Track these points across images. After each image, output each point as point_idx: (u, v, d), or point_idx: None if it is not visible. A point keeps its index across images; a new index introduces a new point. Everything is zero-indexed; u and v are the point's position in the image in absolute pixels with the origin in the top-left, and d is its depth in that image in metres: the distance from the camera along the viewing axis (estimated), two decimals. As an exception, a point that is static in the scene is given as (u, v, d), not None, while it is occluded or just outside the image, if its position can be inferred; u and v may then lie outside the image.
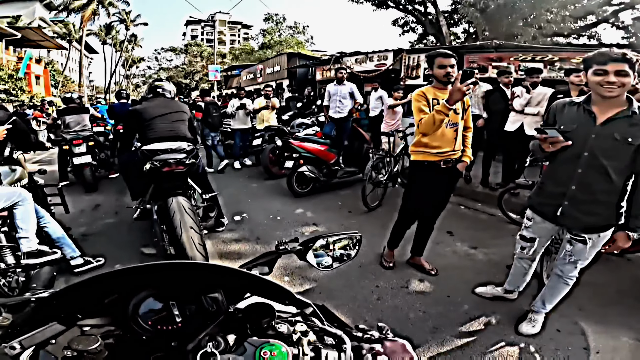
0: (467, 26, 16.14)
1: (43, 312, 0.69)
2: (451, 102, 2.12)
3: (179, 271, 0.78)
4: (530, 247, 2.03)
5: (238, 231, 3.61)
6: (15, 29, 19.17)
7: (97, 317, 0.74)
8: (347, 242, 1.02)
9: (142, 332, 0.72)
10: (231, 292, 0.80)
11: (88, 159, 4.83)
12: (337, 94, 5.66)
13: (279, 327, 0.68)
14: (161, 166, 2.57)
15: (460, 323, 2.18)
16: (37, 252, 2.33)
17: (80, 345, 0.61)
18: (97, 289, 0.72)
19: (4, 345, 0.62)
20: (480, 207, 4.37)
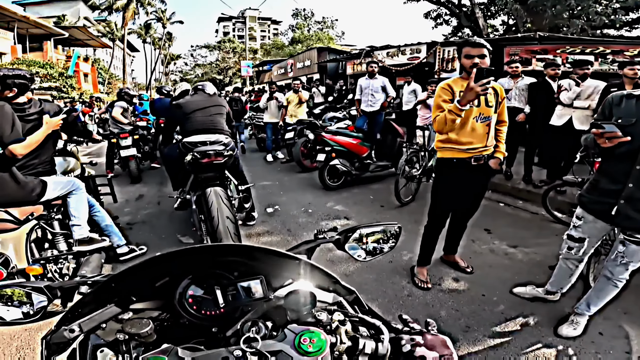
0: (505, 18, 15.33)
1: (102, 295, 0.72)
2: (463, 102, 1.95)
3: (229, 253, 0.80)
4: (578, 247, 1.93)
5: (270, 223, 3.69)
6: (62, 28, 20.57)
7: (148, 300, 0.77)
8: (386, 233, 1.00)
9: (187, 316, 0.74)
10: (272, 279, 0.80)
11: (133, 152, 5.16)
12: (368, 88, 5.63)
13: (318, 315, 0.68)
14: (201, 157, 2.67)
15: (495, 323, 2.11)
16: (88, 239, 2.45)
17: (133, 329, 0.62)
18: (151, 272, 0.75)
19: (63, 328, 0.65)
20: (521, 204, 4.16)
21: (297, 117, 6.21)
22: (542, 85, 4.32)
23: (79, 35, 21.84)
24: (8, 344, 2.01)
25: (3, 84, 2.18)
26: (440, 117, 2.07)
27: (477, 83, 1.88)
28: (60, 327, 0.66)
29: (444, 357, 0.60)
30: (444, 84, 2.21)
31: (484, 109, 2.18)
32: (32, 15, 18.95)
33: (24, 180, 2.18)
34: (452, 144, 2.24)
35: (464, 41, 2.17)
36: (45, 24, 18.76)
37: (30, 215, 2.22)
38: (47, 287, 0.74)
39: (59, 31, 19.84)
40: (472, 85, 1.89)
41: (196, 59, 44.98)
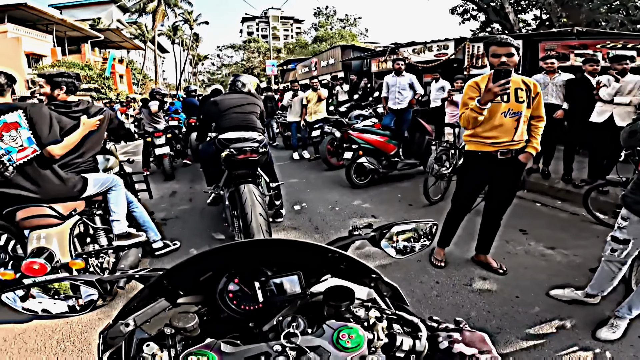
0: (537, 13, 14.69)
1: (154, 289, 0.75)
2: (483, 102, 2.03)
3: (271, 248, 0.82)
4: (622, 249, 1.87)
5: (297, 220, 3.74)
6: (98, 31, 21.62)
7: (192, 295, 0.80)
8: (422, 230, 0.99)
9: (228, 310, 0.76)
10: (308, 275, 0.80)
11: (167, 150, 5.38)
12: (395, 85, 5.61)
13: (356, 311, 0.68)
14: (237, 153, 2.74)
15: (529, 325, 2.03)
16: (127, 234, 2.54)
17: (180, 323, 0.63)
18: (198, 267, 0.76)
19: (120, 322, 0.67)
20: (559, 204, 3.98)
21: (317, 115, 6.23)
22: (580, 82, 4.18)
23: (113, 38, 22.87)
24: (49, 337, 2.09)
25: (52, 83, 2.33)
26: (465, 115, 2.16)
27: (496, 84, 1.94)
28: (118, 322, 0.68)
29: (483, 354, 0.59)
30: (472, 82, 2.27)
31: (514, 104, 2.22)
32: (68, 18, 19.99)
33: (65, 176, 2.28)
34: (478, 137, 2.32)
35: (491, 40, 2.18)
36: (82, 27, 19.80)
37: (73, 210, 2.31)
38: (98, 280, 0.76)
39: (95, 34, 20.87)
40: (491, 86, 1.96)
41: (222, 59, 46.07)
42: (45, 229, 2.14)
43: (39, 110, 2.18)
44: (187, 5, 34.43)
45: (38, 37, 18.42)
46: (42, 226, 2.15)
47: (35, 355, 1.95)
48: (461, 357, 0.59)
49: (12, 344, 2.05)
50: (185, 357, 0.56)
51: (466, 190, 2.56)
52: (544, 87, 4.37)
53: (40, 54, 18.27)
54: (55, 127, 2.23)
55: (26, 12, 17.11)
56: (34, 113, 2.15)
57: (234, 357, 0.57)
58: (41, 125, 2.16)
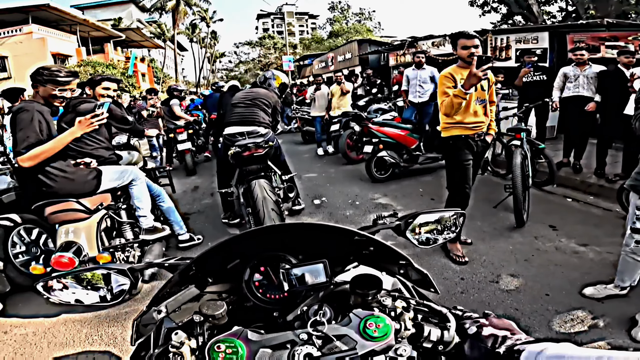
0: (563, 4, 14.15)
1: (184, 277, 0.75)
2: (467, 87, 2.21)
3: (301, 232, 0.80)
4: None
5: (317, 214, 3.73)
6: (119, 30, 22.14)
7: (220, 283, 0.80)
8: (447, 220, 0.96)
9: (254, 299, 0.76)
10: (334, 263, 0.78)
11: (189, 145, 5.49)
12: (416, 79, 5.54)
13: (383, 300, 0.67)
14: (242, 150, 2.74)
15: (559, 323, 1.95)
16: (153, 228, 2.57)
17: (209, 310, 0.63)
18: (226, 254, 0.76)
19: (153, 309, 0.68)
20: (592, 200, 3.79)
21: (341, 109, 6.16)
22: (614, 73, 4.02)
23: (134, 37, 23.39)
24: (78, 330, 2.13)
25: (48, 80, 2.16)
26: (447, 102, 2.35)
27: (479, 69, 2.14)
28: (151, 309, 0.69)
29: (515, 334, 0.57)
30: (445, 73, 2.50)
31: (480, 92, 2.53)
32: (90, 18, 20.52)
33: (71, 171, 2.21)
34: (461, 123, 2.54)
35: (458, 34, 2.46)
36: (104, 27, 20.30)
37: (100, 205, 2.30)
38: (129, 269, 0.76)
39: (117, 33, 21.39)
40: (475, 71, 2.15)
41: (240, 56, 46.49)
42: (73, 223, 2.18)
43: (18, 114, 2.05)
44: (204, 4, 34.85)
45: (63, 38, 18.84)
46: (70, 221, 2.19)
47: (65, 349, 2.00)
48: (492, 341, 0.57)
49: (42, 338, 2.10)
50: (212, 344, 0.57)
51: (462, 173, 2.65)
52: (575, 79, 4.24)
53: (65, 54, 18.74)
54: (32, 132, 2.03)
55: (49, 13, 17.41)
56: (16, 117, 2.05)
57: (260, 344, 0.58)
58: (17, 130, 2.02)
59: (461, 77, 2.39)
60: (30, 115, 2.05)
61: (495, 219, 3.30)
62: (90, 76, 14.99)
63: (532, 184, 3.41)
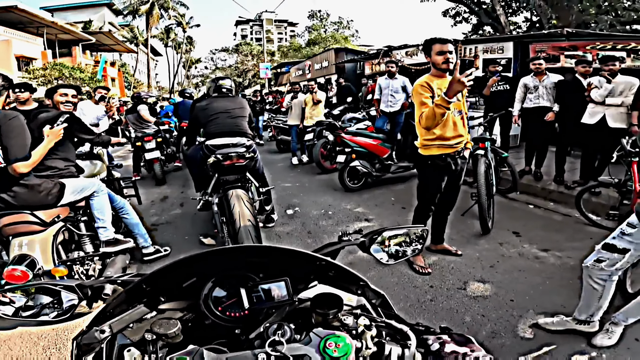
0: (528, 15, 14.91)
1: (132, 295, 0.72)
2: (450, 95, 2.01)
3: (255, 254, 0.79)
4: (612, 260, 1.66)
5: (290, 225, 3.69)
6: (89, 33, 21.42)
7: (175, 300, 0.77)
8: (412, 236, 0.97)
9: (212, 317, 0.74)
10: (296, 281, 0.78)
11: (157, 154, 5.31)
12: (388, 88, 5.61)
13: (344, 319, 0.66)
14: (223, 159, 2.71)
15: (524, 329, 2.01)
16: (114, 240, 2.50)
17: (161, 329, 0.62)
18: (180, 273, 0.75)
19: (95, 329, 0.65)
20: (552, 206, 3.98)
21: (315, 118, 6.14)
22: (572, 83, 4.19)
23: (105, 41, 22.70)
24: (35, 343, 2.02)
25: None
26: (428, 113, 2.11)
27: (462, 74, 1.93)
28: (92, 328, 0.66)
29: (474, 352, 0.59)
30: (420, 82, 2.28)
31: (457, 103, 2.35)
32: (59, 21, 19.80)
33: (36, 183, 2.16)
34: (441, 140, 2.36)
35: (433, 39, 2.28)
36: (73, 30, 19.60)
37: (57, 217, 2.24)
38: (78, 285, 0.74)
39: (86, 36, 20.66)
40: (458, 76, 1.94)
41: (216, 63, 45.94)
42: (27, 236, 2.09)
43: (9, 121, 2.01)
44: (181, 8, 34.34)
45: (28, 40, 18.21)
46: (24, 233, 2.09)
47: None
48: (454, 358, 0.59)
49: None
50: None
51: (433, 194, 2.60)
52: (535, 89, 4.39)
53: (30, 56, 18.05)
54: (27, 140, 2.07)
55: (17, 15, 16.91)
56: (3, 124, 1.99)
57: None
58: (10, 138, 2.00)
59: (437, 86, 2.24)
60: (21, 121, 2.05)
61: (463, 227, 3.39)
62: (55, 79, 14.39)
63: (496, 192, 3.53)
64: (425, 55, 2.36)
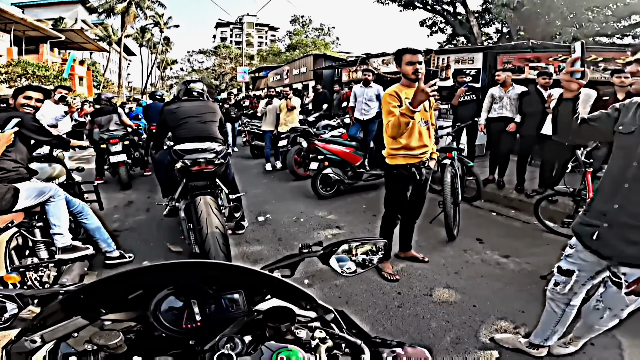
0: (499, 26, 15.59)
1: (69, 306, 0.71)
2: (415, 104, 2.07)
3: (202, 270, 0.79)
4: (565, 282, 1.60)
5: (261, 232, 3.64)
6: (59, 31, 20.45)
7: (119, 312, 0.76)
8: (372, 248, 1.00)
9: (161, 328, 0.73)
10: (252, 293, 0.80)
11: (123, 158, 5.08)
12: (362, 96, 5.66)
13: (298, 333, 0.67)
14: (191, 165, 2.64)
15: (486, 334, 2.08)
16: (71, 247, 2.42)
17: (101, 340, 0.61)
18: (122, 285, 0.74)
19: (24, 339, 0.63)
20: (513, 214, 4.17)
21: (289, 125, 6.12)
22: (534, 94, 4.33)
23: (75, 39, 21.77)
24: None
25: None
26: (394, 121, 2.17)
27: (427, 84, 1.99)
28: (21, 337, 0.64)
29: None
30: (390, 91, 2.35)
31: (423, 113, 2.43)
32: (29, 18, 18.82)
33: None
34: (405, 150, 2.43)
35: (404, 49, 2.34)
36: (42, 27, 18.66)
37: (11, 222, 2.19)
38: (18, 295, 0.73)
39: (55, 34, 19.74)
40: (423, 86, 1.99)
41: (193, 64, 45.01)
42: None
43: None
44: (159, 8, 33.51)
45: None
46: None
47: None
48: None
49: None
50: None
51: (399, 202, 2.66)
52: (500, 100, 4.53)
53: (-6, 53, 16.99)
54: None
55: (-16, 11, 15.89)
56: None
57: None
58: None
59: (406, 95, 2.30)
60: None
61: (431, 234, 3.47)
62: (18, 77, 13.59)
63: (462, 200, 3.64)
64: (396, 64, 2.41)
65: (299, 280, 2.66)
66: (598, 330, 1.68)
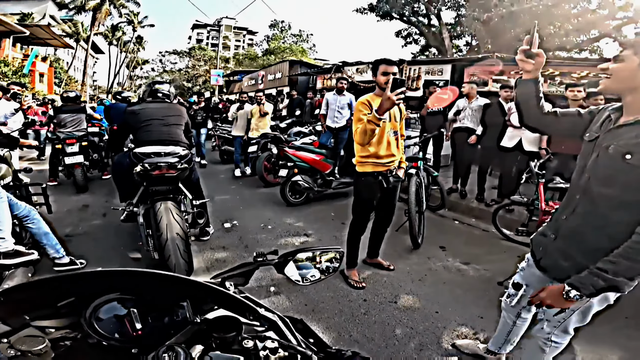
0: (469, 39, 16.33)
1: None
2: (381, 112, 2.11)
3: (142, 279, 0.76)
4: (514, 295, 1.56)
5: (227, 238, 3.54)
6: (24, 26, 19.26)
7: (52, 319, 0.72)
8: (329, 257, 1.00)
9: (97, 336, 0.70)
10: (200, 302, 0.78)
11: (80, 159, 4.78)
12: (335, 104, 5.70)
13: (245, 343, 0.65)
14: (152, 169, 2.52)
15: (447, 340, 2.13)
16: (14, 252, 2.28)
17: (23, 346, 0.58)
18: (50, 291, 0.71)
19: None
20: (474, 222, 4.33)
21: (260, 130, 6.02)
22: (495, 107, 4.48)
23: (41, 34, 20.55)
24: None
25: None
26: (361, 128, 2.24)
27: (393, 92, 2.03)
28: None
29: None
30: (363, 99, 2.42)
31: (393, 124, 2.51)
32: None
33: None
34: (373, 158, 2.49)
35: (381, 60, 2.41)
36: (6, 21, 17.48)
37: None
38: None
39: (19, 29, 18.55)
40: (389, 94, 2.03)
41: (165, 65, 43.74)
42: None
43: None
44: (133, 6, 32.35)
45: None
46: None
47: None
48: None
49: None
50: None
51: (367, 209, 2.70)
52: (463, 110, 4.69)
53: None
54: None
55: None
56: None
57: None
58: None
59: (377, 104, 2.30)
60: None
61: (397, 241, 3.53)
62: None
63: (426, 209, 3.74)
64: (372, 74, 2.48)
65: (264, 288, 2.62)
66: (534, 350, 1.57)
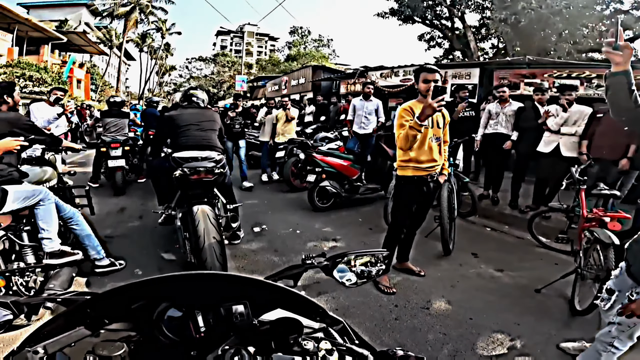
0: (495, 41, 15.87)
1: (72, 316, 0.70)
2: (422, 118, 2.17)
3: (205, 282, 0.78)
4: (607, 300, 1.54)
5: (257, 242, 3.62)
6: (62, 33, 20.45)
7: (121, 322, 0.75)
8: (374, 260, 1.00)
9: (164, 339, 0.72)
10: (257, 304, 0.79)
11: (122, 163, 5.03)
12: (362, 109, 5.62)
13: (305, 344, 0.66)
14: (190, 174, 2.61)
15: (482, 347, 2.09)
16: (59, 252, 2.37)
17: (105, 351, 0.60)
18: (126, 297, 0.73)
19: (27, 350, 0.62)
20: (507, 229, 4.21)
21: (286, 135, 6.06)
22: (530, 111, 4.33)
23: (77, 41, 21.77)
24: None
25: None
26: (403, 134, 2.30)
27: (434, 100, 2.09)
28: (24, 348, 0.63)
29: None
30: (405, 106, 2.47)
31: (436, 130, 2.54)
32: (34, 18, 18.82)
33: None
34: (414, 163, 2.54)
35: (422, 68, 2.47)
36: (45, 27, 18.64)
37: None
38: (13, 302, 0.72)
39: (57, 35, 19.72)
40: (430, 101, 2.09)
41: (191, 71, 45.16)
42: None
43: None
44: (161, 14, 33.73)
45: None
46: None
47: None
48: None
49: None
50: None
51: (405, 214, 2.73)
52: (496, 116, 4.52)
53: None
54: None
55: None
56: None
57: None
58: None
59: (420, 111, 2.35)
60: None
61: (427, 248, 3.48)
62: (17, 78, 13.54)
63: (457, 215, 3.67)
64: (414, 81, 2.52)
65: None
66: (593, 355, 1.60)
